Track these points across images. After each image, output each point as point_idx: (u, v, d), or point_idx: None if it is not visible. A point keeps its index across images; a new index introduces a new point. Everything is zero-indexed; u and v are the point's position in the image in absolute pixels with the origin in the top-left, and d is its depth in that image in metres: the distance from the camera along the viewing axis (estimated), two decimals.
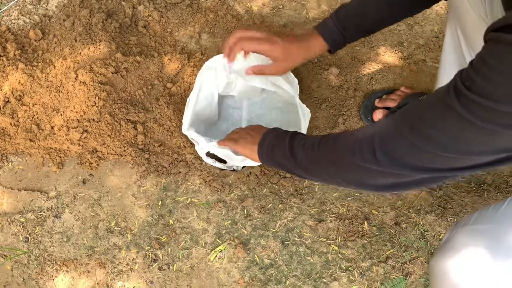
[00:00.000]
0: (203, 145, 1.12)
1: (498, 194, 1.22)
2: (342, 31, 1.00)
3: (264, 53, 1.06)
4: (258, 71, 1.10)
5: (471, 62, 0.54)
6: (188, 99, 1.18)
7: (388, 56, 1.41)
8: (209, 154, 1.19)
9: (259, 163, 1.09)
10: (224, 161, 1.21)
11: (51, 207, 1.22)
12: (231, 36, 1.06)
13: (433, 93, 0.61)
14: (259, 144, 0.98)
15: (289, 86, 1.20)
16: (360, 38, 1.05)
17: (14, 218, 1.21)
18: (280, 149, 0.91)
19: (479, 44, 0.54)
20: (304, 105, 1.19)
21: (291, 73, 1.23)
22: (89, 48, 1.33)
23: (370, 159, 0.68)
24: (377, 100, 1.31)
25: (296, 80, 1.22)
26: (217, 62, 1.22)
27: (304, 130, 1.19)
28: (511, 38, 0.48)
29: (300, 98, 1.28)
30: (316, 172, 0.85)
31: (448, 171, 0.62)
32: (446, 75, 1.11)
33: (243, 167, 1.25)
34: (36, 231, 1.20)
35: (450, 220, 1.20)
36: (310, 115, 1.21)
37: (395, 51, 1.43)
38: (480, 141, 0.56)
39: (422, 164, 0.63)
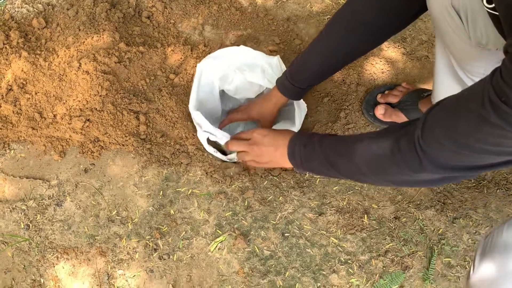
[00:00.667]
0: (209, 130, 1.13)
1: (498, 190, 1.23)
2: (297, 86, 1.12)
3: (247, 120, 1.31)
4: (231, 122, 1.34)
5: (501, 73, 0.55)
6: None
7: (391, 52, 1.42)
8: (210, 142, 1.20)
9: None
10: (225, 152, 1.22)
11: (53, 195, 1.22)
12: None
13: (458, 100, 0.64)
14: (289, 157, 1.01)
15: None
16: (312, 86, 1.17)
17: (15, 206, 1.21)
18: (315, 158, 0.93)
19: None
20: (301, 100, 1.21)
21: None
22: (93, 37, 1.33)
23: (418, 170, 0.71)
24: (379, 95, 1.32)
25: None
26: (217, 53, 1.24)
27: (298, 124, 1.20)
28: None
29: None
30: (356, 178, 0.89)
31: (488, 167, 0.67)
32: (440, 84, 1.11)
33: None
34: (37, 218, 1.20)
35: (450, 215, 1.21)
36: (306, 110, 1.23)
37: (398, 46, 1.43)
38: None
39: (465, 164, 0.67)
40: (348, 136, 0.89)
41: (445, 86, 1.08)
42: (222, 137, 1.14)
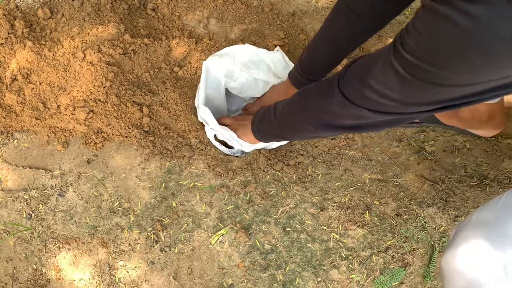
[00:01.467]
0: (215, 128, 1.14)
1: (500, 189, 1.23)
2: (310, 79, 1.15)
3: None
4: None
5: (407, 24, 0.61)
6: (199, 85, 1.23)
7: None
8: (217, 138, 1.21)
9: (262, 146, 1.18)
10: (230, 146, 1.22)
11: (55, 186, 1.22)
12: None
13: (380, 48, 0.71)
14: (251, 122, 1.11)
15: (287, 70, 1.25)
16: (326, 74, 1.19)
17: (18, 195, 1.21)
18: (266, 116, 1.04)
19: None
20: None
21: (291, 63, 1.26)
22: (98, 28, 1.33)
23: (331, 102, 0.80)
24: None
25: (290, 63, 1.28)
26: (223, 51, 1.25)
27: None
28: (441, 9, 0.54)
29: None
30: (292, 124, 0.96)
31: (394, 114, 0.72)
32: None
33: (245, 154, 1.26)
34: (39, 208, 1.20)
35: (452, 213, 1.21)
36: None
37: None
38: (417, 95, 0.65)
39: (370, 107, 0.73)
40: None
41: None
42: (227, 135, 1.15)
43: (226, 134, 1.15)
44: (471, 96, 0.62)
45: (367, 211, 1.21)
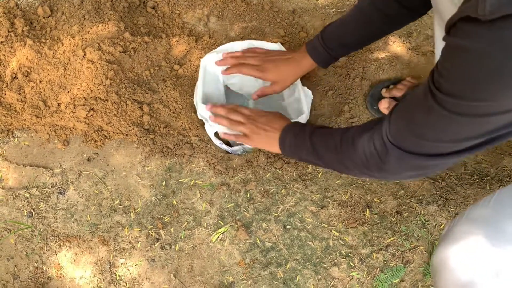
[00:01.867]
0: (214, 125, 1.14)
1: (501, 186, 1.23)
2: (329, 51, 1.11)
3: (259, 78, 1.19)
4: (261, 93, 1.21)
5: (437, 65, 0.62)
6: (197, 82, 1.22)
7: (397, 46, 1.41)
8: (217, 135, 1.21)
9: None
10: (230, 145, 1.22)
11: (56, 184, 1.23)
12: (231, 55, 1.22)
13: (415, 93, 0.71)
14: (280, 143, 1.04)
15: None
16: (349, 53, 1.17)
17: (18, 193, 1.22)
18: (304, 149, 0.97)
19: None
20: (305, 87, 1.24)
21: None
22: (98, 26, 1.33)
23: (387, 160, 0.77)
24: (384, 90, 1.31)
25: None
26: (221, 48, 1.25)
27: (307, 111, 1.20)
28: (455, 42, 0.56)
29: (307, 85, 1.29)
30: (345, 171, 0.92)
31: (450, 155, 0.71)
32: None
33: (246, 152, 1.26)
34: (40, 206, 1.21)
35: (452, 211, 1.21)
36: (312, 97, 1.24)
37: (404, 41, 1.42)
38: (468, 130, 0.64)
39: (426, 151, 0.72)
40: (337, 129, 0.93)
41: None
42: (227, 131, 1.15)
43: (224, 129, 1.14)
44: None
45: (368, 209, 1.21)
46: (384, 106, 1.28)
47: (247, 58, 1.20)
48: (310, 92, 1.24)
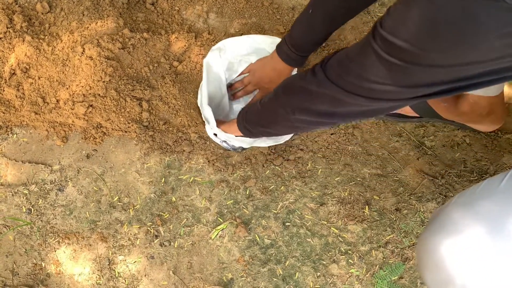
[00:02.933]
0: (215, 129, 1.15)
1: None
2: (301, 54, 1.15)
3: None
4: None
5: (389, 7, 0.62)
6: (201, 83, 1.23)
7: None
8: (216, 136, 1.21)
9: (262, 144, 1.14)
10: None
11: (55, 180, 1.22)
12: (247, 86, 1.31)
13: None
14: (239, 112, 1.12)
15: None
16: (316, 49, 1.19)
17: (17, 190, 1.21)
18: (253, 106, 1.04)
19: None
20: None
21: None
22: (97, 23, 1.32)
23: (310, 79, 0.81)
24: None
25: None
26: (222, 44, 1.25)
27: None
28: None
29: None
30: (273, 108, 0.96)
31: (370, 99, 0.71)
32: None
33: (245, 149, 1.26)
34: (39, 203, 1.20)
35: None
36: None
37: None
38: (391, 76, 0.63)
39: (348, 89, 0.73)
40: None
41: None
42: (226, 135, 1.16)
43: (223, 134, 1.16)
44: (464, 79, 0.61)
45: (367, 206, 1.21)
46: None
47: (246, 87, 1.32)
48: None
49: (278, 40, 1.26)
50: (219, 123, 1.19)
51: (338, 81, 0.74)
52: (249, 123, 1.07)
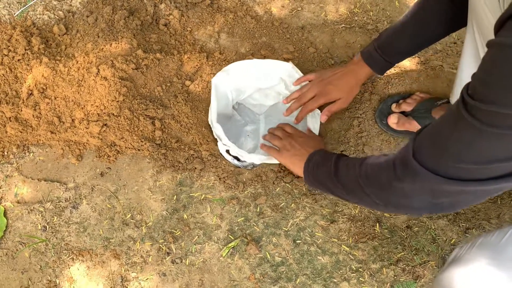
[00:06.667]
0: (227, 143, 1.19)
1: None
2: (385, 58, 1.13)
3: (327, 101, 1.24)
4: (328, 112, 1.25)
5: (473, 74, 0.56)
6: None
7: (406, 61, 1.42)
8: (228, 152, 1.23)
9: (275, 161, 1.17)
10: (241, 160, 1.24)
11: (69, 198, 1.25)
12: (292, 98, 1.28)
13: (447, 110, 0.64)
14: (306, 161, 1.07)
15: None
16: (402, 60, 1.17)
17: (33, 207, 1.24)
18: (325, 168, 0.97)
19: None
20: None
21: (301, 73, 1.31)
22: (111, 44, 1.36)
23: (402, 175, 0.70)
24: (394, 105, 1.32)
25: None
26: (230, 67, 1.29)
27: (315, 129, 1.25)
28: (499, 40, 0.50)
29: None
30: (355, 190, 0.86)
31: (474, 182, 0.61)
32: (463, 80, 1.11)
33: (255, 166, 1.27)
34: (54, 220, 1.23)
35: (462, 225, 1.20)
36: (320, 113, 1.27)
37: (413, 56, 1.43)
38: (495, 148, 0.56)
39: (448, 175, 0.63)
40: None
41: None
42: (238, 151, 1.18)
43: (237, 150, 1.18)
44: None
45: (377, 224, 1.21)
46: (393, 121, 1.29)
47: (305, 94, 1.25)
48: (318, 110, 1.27)
49: (289, 66, 1.30)
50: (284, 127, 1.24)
51: (437, 167, 0.63)
52: (321, 184, 0.99)
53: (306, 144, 1.15)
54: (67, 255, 1.19)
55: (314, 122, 1.27)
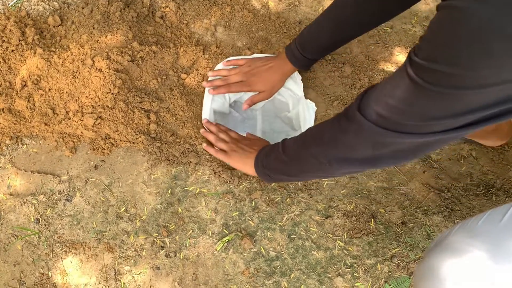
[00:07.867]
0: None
1: (507, 198, 1.22)
2: (306, 56, 1.16)
3: (248, 92, 1.27)
4: (251, 102, 1.28)
5: (422, 35, 0.58)
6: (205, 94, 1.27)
7: (402, 57, 1.42)
8: None
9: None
10: None
11: (63, 191, 1.24)
12: (217, 73, 1.30)
13: (397, 69, 0.66)
14: (255, 157, 1.09)
15: (295, 86, 1.29)
16: (323, 56, 1.21)
17: (26, 200, 1.23)
18: (274, 153, 1.01)
19: None
20: (308, 100, 1.28)
21: (299, 74, 1.31)
22: (106, 36, 1.35)
23: (346, 126, 0.75)
24: None
25: (299, 76, 1.31)
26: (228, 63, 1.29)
27: (310, 122, 1.25)
28: (446, 3, 0.51)
29: (312, 95, 1.30)
30: (302, 156, 0.90)
31: (413, 135, 0.65)
32: None
33: None
34: (47, 213, 1.22)
35: (457, 222, 1.20)
36: (316, 108, 1.27)
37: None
38: (435, 106, 0.59)
39: (389, 128, 0.67)
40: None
41: None
42: None
43: None
44: (495, 105, 0.55)
45: (372, 219, 1.21)
46: None
47: (232, 77, 1.27)
48: (313, 104, 1.27)
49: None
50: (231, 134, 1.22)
51: (379, 121, 0.68)
52: (272, 170, 1.02)
53: (254, 144, 1.17)
54: (60, 248, 1.18)
55: (308, 115, 1.26)
